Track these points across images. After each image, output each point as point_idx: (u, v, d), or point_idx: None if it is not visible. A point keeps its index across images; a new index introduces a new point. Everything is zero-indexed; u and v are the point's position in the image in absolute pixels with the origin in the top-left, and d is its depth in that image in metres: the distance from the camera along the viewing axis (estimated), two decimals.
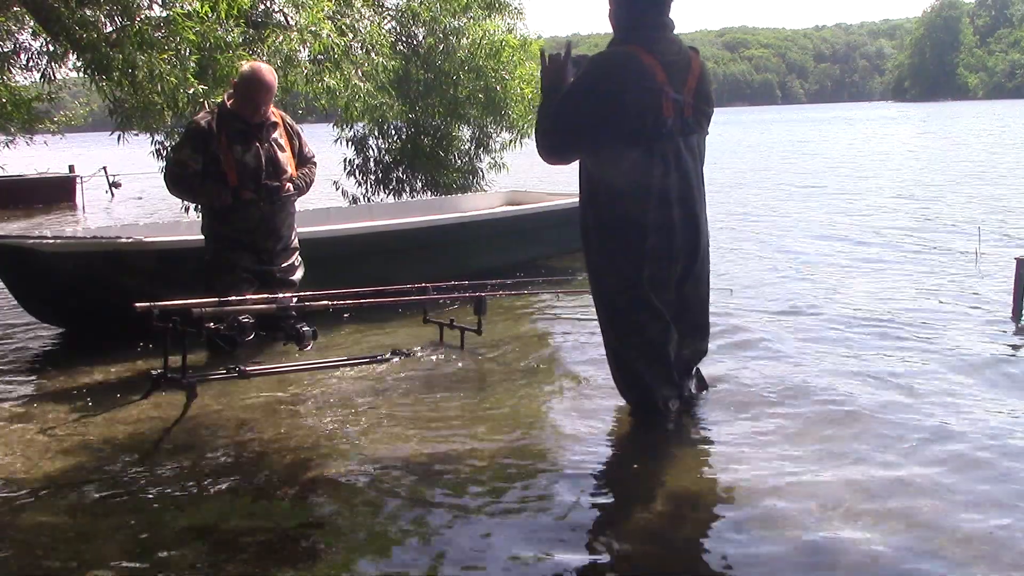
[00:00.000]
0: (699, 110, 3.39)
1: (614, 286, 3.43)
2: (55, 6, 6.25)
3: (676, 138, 3.29)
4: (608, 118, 3.21)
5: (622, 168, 3.26)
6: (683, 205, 3.33)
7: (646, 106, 3.21)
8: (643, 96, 3.20)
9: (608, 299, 3.49)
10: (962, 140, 26.69)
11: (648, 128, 3.23)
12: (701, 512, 2.83)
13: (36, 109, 11.57)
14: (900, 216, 10.18)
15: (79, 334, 5.24)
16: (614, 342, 3.52)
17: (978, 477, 2.96)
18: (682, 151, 3.32)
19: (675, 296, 3.44)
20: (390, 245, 6.10)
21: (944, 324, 5.05)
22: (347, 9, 8.42)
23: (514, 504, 2.87)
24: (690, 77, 3.33)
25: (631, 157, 3.24)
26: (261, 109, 4.57)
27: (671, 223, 3.31)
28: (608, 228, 3.36)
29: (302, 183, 4.82)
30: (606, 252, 3.40)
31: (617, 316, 3.47)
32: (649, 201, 3.27)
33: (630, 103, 3.19)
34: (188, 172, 4.52)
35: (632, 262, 3.34)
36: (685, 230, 3.35)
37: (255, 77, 4.54)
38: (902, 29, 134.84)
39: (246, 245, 4.64)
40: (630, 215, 3.30)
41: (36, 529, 2.76)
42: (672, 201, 3.30)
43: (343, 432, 3.56)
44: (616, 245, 3.36)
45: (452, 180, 10.67)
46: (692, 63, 3.36)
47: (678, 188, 3.31)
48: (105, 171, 18.19)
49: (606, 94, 3.21)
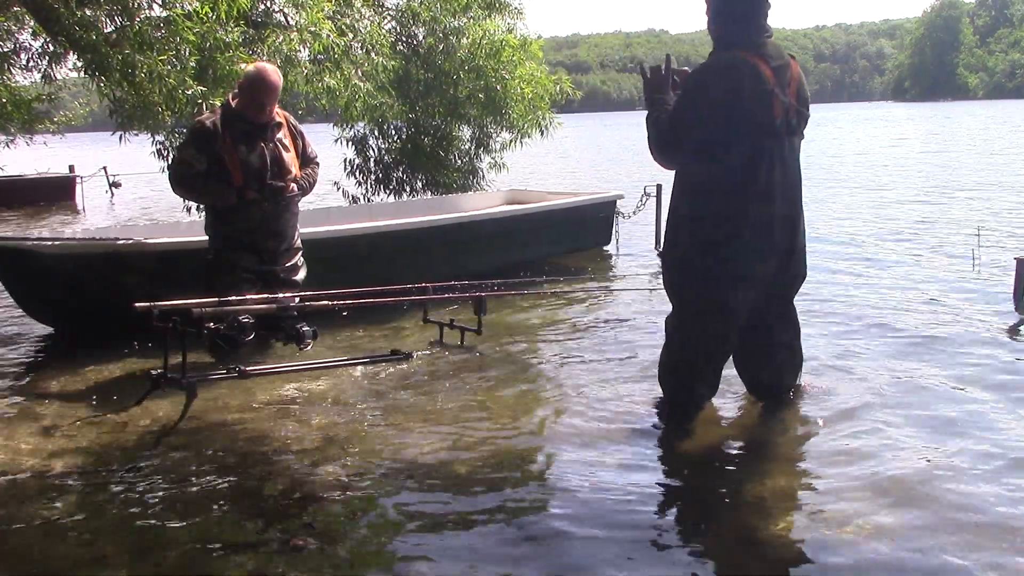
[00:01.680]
0: (799, 113, 3.48)
1: (699, 279, 3.48)
2: (55, 6, 6.25)
3: (782, 138, 3.40)
4: (725, 119, 3.31)
5: (731, 164, 3.35)
6: (784, 203, 3.42)
7: (760, 107, 3.32)
8: (758, 97, 3.31)
9: (688, 291, 3.54)
10: (962, 140, 26.68)
11: (761, 127, 3.33)
12: (705, 511, 2.83)
13: (36, 109, 11.58)
14: (899, 216, 10.17)
15: (78, 335, 5.23)
16: (677, 333, 3.61)
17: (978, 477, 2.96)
18: (786, 151, 3.43)
19: (767, 294, 3.50)
20: (390, 245, 6.10)
21: (943, 324, 5.04)
22: (347, 9, 8.42)
23: (514, 504, 2.87)
24: (791, 81, 3.44)
25: (742, 154, 3.34)
26: (267, 109, 4.56)
27: (771, 220, 3.39)
28: (705, 221, 3.43)
29: (306, 183, 4.81)
30: (697, 244, 3.46)
31: (691, 306, 3.54)
32: (753, 197, 3.36)
33: (747, 103, 3.30)
34: (192, 172, 4.51)
35: (727, 256, 3.40)
36: (784, 228, 3.44)
37: (261, 77, 4.53)
38: (902, 29, 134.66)
39: (247, 245, 4.62)
40: (731, 209, 3.38)
41: (35, 530, 2.76)
42: (774, 198, 3.39)
43: (343, 432, 3.56)
44: (711, 238, 3.42)
45: (452, 180, 10.67)
46: (792, 68, 3.48)
47: (781, 186, 3.40)
48: (105, 171, 18.18)
49: (724, 96, 3.30)
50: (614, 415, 3.66)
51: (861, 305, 5.58)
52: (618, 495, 2.92)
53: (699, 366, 3.60)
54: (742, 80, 3.29)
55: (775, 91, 3.33)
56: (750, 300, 3.47)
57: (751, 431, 3.56)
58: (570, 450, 3.31)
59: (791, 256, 3.50)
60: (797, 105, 3.45)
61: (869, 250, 7.83)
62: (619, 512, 2.79)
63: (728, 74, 3.32)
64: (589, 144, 34.09)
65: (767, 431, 3.50)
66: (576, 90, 12.03)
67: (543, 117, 10.63)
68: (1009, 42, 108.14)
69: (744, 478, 3.05)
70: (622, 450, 3.33)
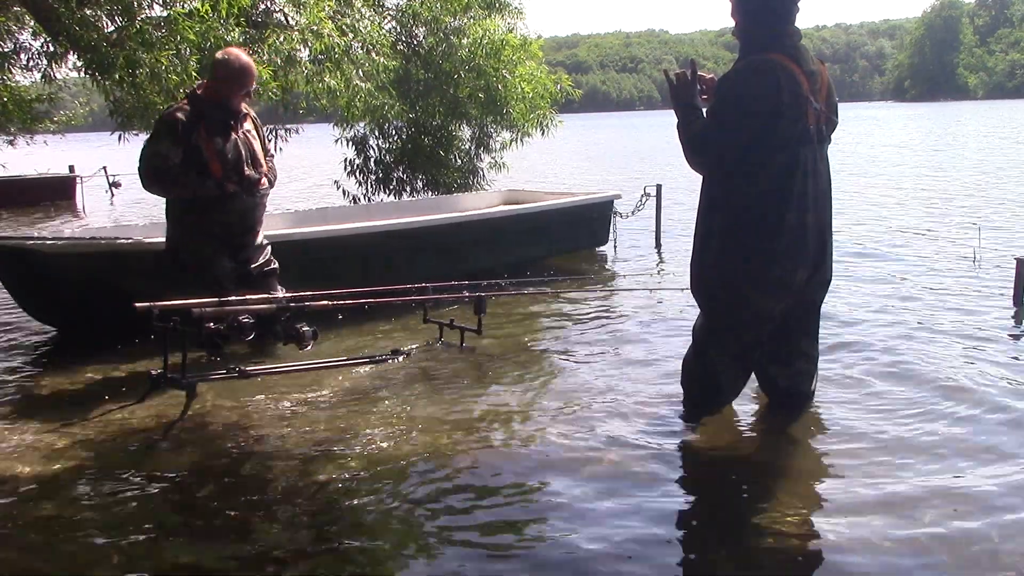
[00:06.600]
0: (829, 120, 3.46)
1: (732, 287, 3.43)
2: (55, 6, 6.25)
3: (815, 145, 3.36)
4: (763, 128, 3.25)
5: (768, 172, 3.31)
6: (816, 209, 3.39)
7: (795, 112, 3.27)
8: (794, 102, 3.25)
9: (720, 298, 3.50)
10: (962, 139, 26.67)
11: (796, 135, 3.28)
12: (713, 522, 2.83)
13: (36, 109, 11.58)
14: (899, 216, 10.17)
15: (78, 335, 5.23)
16: (707, 340, 3.56)
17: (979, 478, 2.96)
18: (819, 158, 3.40)
19: (795, 301, 3.47)
20: (385, 245, 6.09)
21: (943, 324, 5.04)
22: (347, 9, 8.41)
23: (513, 504, 2.87)
24: (822, 87, 3.41)
25: (778, 161, 3.30)
26: (246, 91, 4.45)
27: (804, 228, 3.36)
28: (739, 230, 3.39)
29: (272, 177, 4.71)
30: (731, 252, 3.41)
31: (723, 314, 3.50)
32: (789, 204, 3.32)
33: (784, 109, 3.24)
34: (168, 165, 4.32)
35: (761, 264, 3.36)
36: (815, 236, 3.41)
37: (240, 60, 4.41)
38: (902, 29, 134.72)
39: (224, 240, 4.48)
40: (768, 217, 3.34)
41: (35, 530, 2.76)
42: (808, 206, 3.36)
43: (342, 432, 3.55)
44: (746, 246, 3.38)
45: (452, 180, 10.67)
46: (823, 74, 3.44)
47: (813, 193, 3.37)
48: (105, 171, 18.17)
49: (762, 104, 3.24)
50: (614, 415, 3.65)
51: (861, 305, 5.58)
52: (619, 498, 2.92)
53: (728, 373, 3.57)
54: (779, 85, 3.22)
55: (809, 97, 3.29)
56: (782, 308, 3.44)
57: (763, 438, 3.55)
58: (571, 451, 3.30)
59: (821, 264, 3.48)
60: (827, 112, 3.42)
61: (869, 250, 7.82)
62: (620, 514, 2.79)
63: (764, 80, 3.24)
64: (589, 144, 34.08)
65: (777, 439, 3.49)
66: (576, 90, 12.03)
67: (543, 116, 10.64)
68: (1009, 42, 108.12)
69: (751, 488, 3.03)
70: (622, 451, 3.33)
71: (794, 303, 3.47)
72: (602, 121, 66.93)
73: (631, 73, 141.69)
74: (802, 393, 3.69)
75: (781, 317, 3.48)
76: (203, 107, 4.39)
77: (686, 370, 3.69)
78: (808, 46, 3.50)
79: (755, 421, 3.65)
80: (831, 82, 3.49)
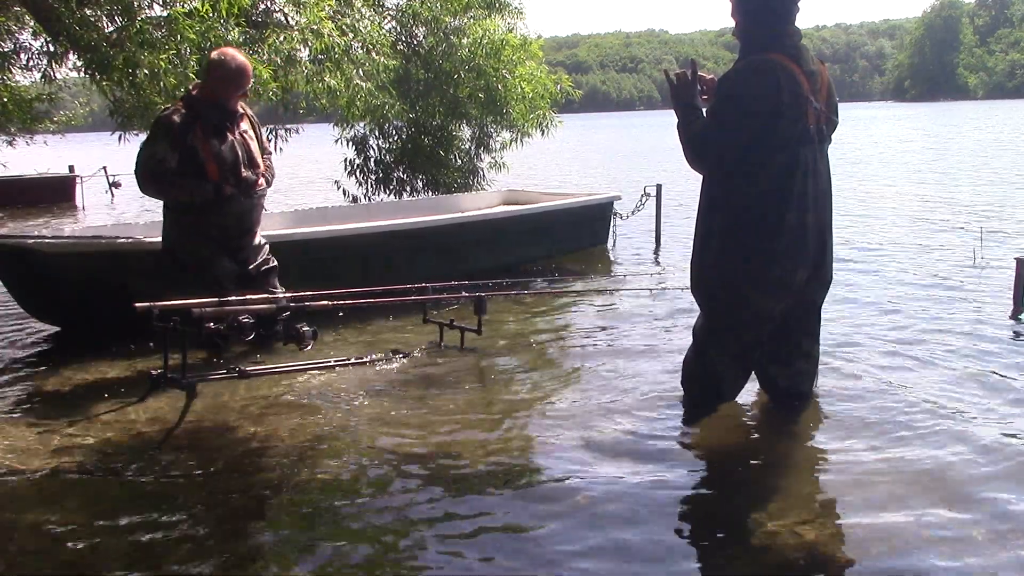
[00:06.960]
0: (829, 120, 3.46)
1: (733, 288, 3.43)
2: (55, 6, 6.24)
3: (815, 144, 3.36)
4: (764, 129, 3.25)
5: (769, 172, 3.30)
6: (816, 209, 3.39)
7: (795, 112, 3.26)
8: (794, 102, 3.25)
9: (720, 299, 3.50)
10: (963, 139, 26.67)
11: (797, 134, 3.28)
12: (713, 519, 2.83)
13: (36, 109, 11.58)
14: (899, 216, 10.17)
15: (78, 334, 5.23)
16: (707, 340, 3.57)
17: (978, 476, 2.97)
18: (819, 158, 3.40)
19: (795, 301, 3.47)
20: (385, 245, 6.09)
21: (943, 324, 5.04)
22: (347, 9, 8.41)
23: (513, 504, 2.86)
24: (822, 87, 3.40)
25: (778, 161, 3.29)
26: (242, 91, 4.44)
27: (804, 229, 3.36)
28: (739, 230, 3.39)
29: (270, 176, 4.68)
30: (731, 252, 3.41)
31: (723, 314, 3.50)
32: (789, 204, 3.32)
33: (784, 108, 3.24)
34: (165, 168, 4.31)
35: (761, 264, 3.36)
36: (817, 235, 3.41)
37: (236, 60, 4.39)
38: (902, 29, 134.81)
39: (221, 242, 4.47)
40: (768, 217, 3.34)
41: (35, 530, 2.76)
42: (808, 206, 3.36)
43: (342, 433, 3.55)
44: (747, 246, 3.38)
45: (452, 180, 10.68)
46: (823, 74, 3.43)
47: (814, 193, 3.37)
48: (105, 171, 18.17)
49: (762, 104, 3.23)
50: (615, 415, 3.65)
51: (861, 304, 5.58)
52: (619, 498, 2.92)
53: (728, 373, 3.58)
54: (779, 85, 3.22)
55: (809, 97, 3.28)
56: (782, 308, 3.44)
57: (764, 437, 3.54)
58: (571, 451, 3.30)
59: (822, 265, 3.48)
60: (828, 112, 3.41)
61: (868, 249, 7.82)
62: (619, 514, 2.79)
63: (764, 80, 3.23)
64: (589, 144, 34.07)
65: (777, 439, 3.48)
66: (576, 90, 12.03)
67: (543, 116, 10.64)
68: (1009, 42, 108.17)
69: (753, 487, 3.04)
70: (622, 451, 3.33)
71: (794, 303, 3.47)
72: (602, 121, 66.92)
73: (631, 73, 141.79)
74: (802, 393, 3.70)
75: (781, 317, 3.48)
76: (199, 108, 4.37)
77: (686, 370, 3.70)
78: (808, 46, 3.50)
79: (755, 421, 3.65)
80: (831, 82, 3.48)
